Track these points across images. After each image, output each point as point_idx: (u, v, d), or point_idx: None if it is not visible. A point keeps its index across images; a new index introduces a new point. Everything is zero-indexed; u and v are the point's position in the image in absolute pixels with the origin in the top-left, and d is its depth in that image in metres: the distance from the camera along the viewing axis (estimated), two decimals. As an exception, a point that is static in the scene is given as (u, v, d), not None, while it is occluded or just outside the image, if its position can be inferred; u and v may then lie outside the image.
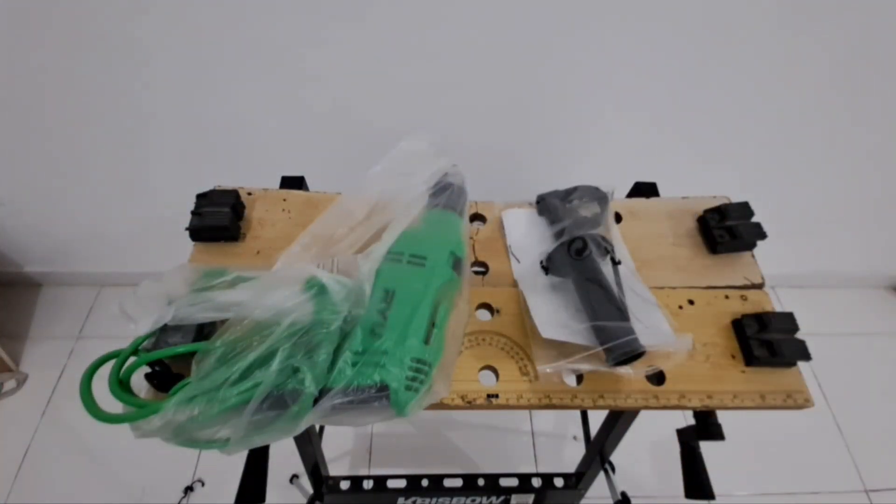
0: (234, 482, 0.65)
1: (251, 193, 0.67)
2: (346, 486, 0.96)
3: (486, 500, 0.95)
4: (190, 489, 1.25)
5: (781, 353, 0.51)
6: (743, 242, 0.61)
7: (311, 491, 0.97)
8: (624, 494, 0.98)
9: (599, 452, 0.91)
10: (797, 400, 0.51)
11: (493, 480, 0.95)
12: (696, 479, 0.65)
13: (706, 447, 0.63)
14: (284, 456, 0.84)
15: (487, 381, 0.52)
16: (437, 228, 0.57)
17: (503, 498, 0.95)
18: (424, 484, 0.95)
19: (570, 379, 0.52)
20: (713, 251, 0.62)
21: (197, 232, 0.60)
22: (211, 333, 0.46)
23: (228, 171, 1.20)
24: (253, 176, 0.76)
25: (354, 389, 0.44)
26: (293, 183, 0.70)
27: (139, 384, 0.47)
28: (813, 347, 0.51)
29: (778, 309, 0.55)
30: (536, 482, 0.96)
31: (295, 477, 1.24)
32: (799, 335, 0.53)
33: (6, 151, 1.17)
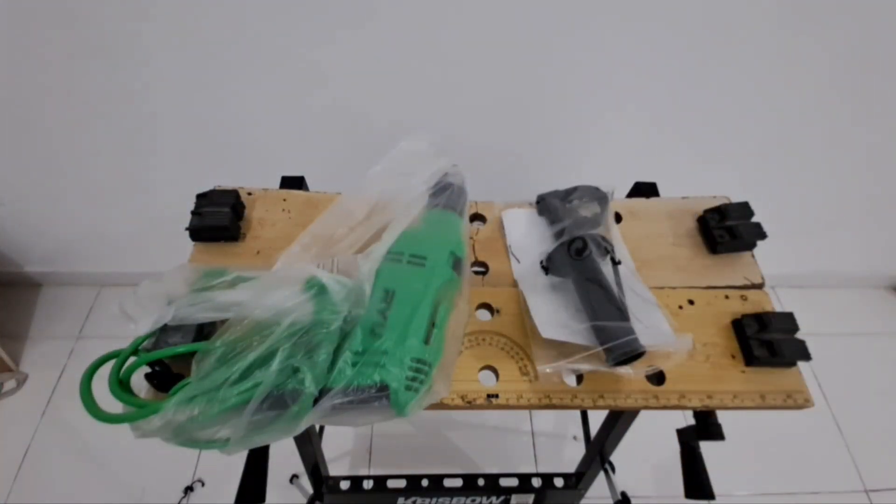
0: (234, 482, 0.65)
1: (251, 193, 0.67)
2: (346, 486, 0.96)
3: (486, 500, 0.95)
4: (190, 489, 1.25)
5: (781, 353, 0.51)
6: (743, 242, 0.61)
7: (311, 491, 0.97)
8: (624, 494, 0.98)
9: (599, 452, 0.91)
10: (797, 400, 0.51)
11: (493, 480, 0.95)
12: (696, 479, 0.65)
13: (706, 447, 0.63)
14: (284, 456, 0.84)
15: (487, 381, 0.52)
16: (437, 228, 0.57)
17: (503, 498, 0.95)
18: (424, 484, 0.95)
19: (570, 379, 0.52)
20: (713, 251, 0.62)
21: (197, 232, 0.60)
22: (211, 333, 0.46)
23: (228, 170, 1.20)
24: (253, 176, 0.76)
25: (354, 389, 0.44)
26: (293, 183, 0.70)
27: (139, 384, 0.47)
28: (813, 347, 0.51)
29: (778, 309, 0.55)
30: (536, 482, 0.96)
31: (295, 477, 1.24)
32: (799, 335, 0.53)
33: (7, 151, 1.17)
